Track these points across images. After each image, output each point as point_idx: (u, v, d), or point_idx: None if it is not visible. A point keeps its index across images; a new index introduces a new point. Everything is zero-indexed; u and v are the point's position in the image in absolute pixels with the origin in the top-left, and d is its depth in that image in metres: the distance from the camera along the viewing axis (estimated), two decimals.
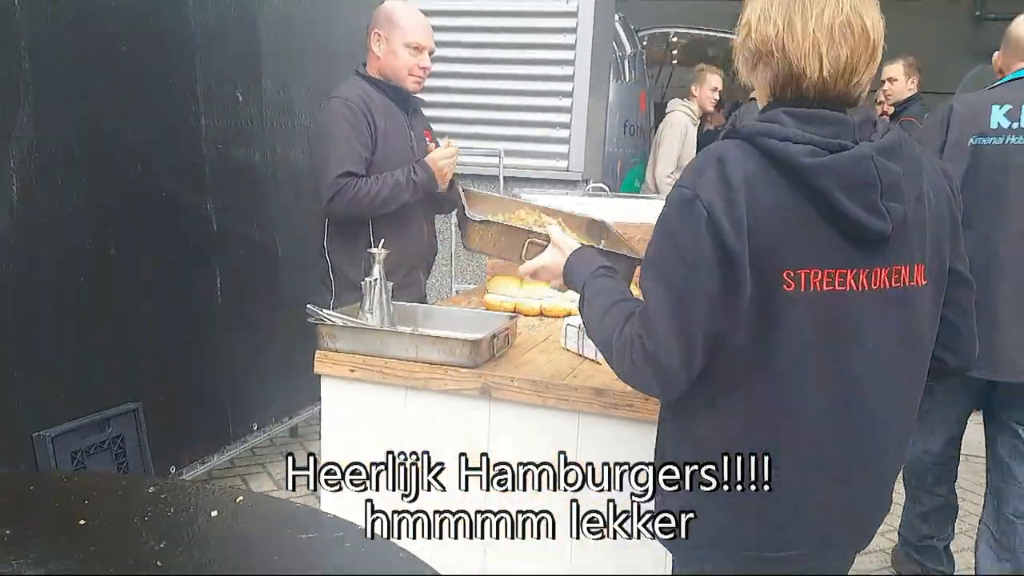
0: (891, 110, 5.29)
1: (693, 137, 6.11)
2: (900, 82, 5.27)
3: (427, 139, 3.15)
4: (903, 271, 1.39)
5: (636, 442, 2.01)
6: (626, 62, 6.85)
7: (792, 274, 1.32)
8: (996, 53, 2.89)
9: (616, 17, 6.77)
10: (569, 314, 2.74)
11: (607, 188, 3.20)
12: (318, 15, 4.08)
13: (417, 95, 3.07)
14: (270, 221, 3.71)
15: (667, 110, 6.34)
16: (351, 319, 2.24)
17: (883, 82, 5.39)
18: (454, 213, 5.03)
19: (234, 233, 3.54)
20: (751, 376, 1.37)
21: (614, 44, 6.56)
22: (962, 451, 3.06)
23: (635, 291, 1.53)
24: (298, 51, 3.96)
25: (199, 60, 3.36)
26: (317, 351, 2.19)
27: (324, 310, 2.24)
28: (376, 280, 2.31)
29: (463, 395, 2.12)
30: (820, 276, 1.33)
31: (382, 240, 2.36)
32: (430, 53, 3.01)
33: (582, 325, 2.28)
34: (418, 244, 3.03)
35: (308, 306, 2.23)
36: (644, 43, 7.62)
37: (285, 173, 3.86)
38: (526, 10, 4.91)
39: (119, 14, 3.00)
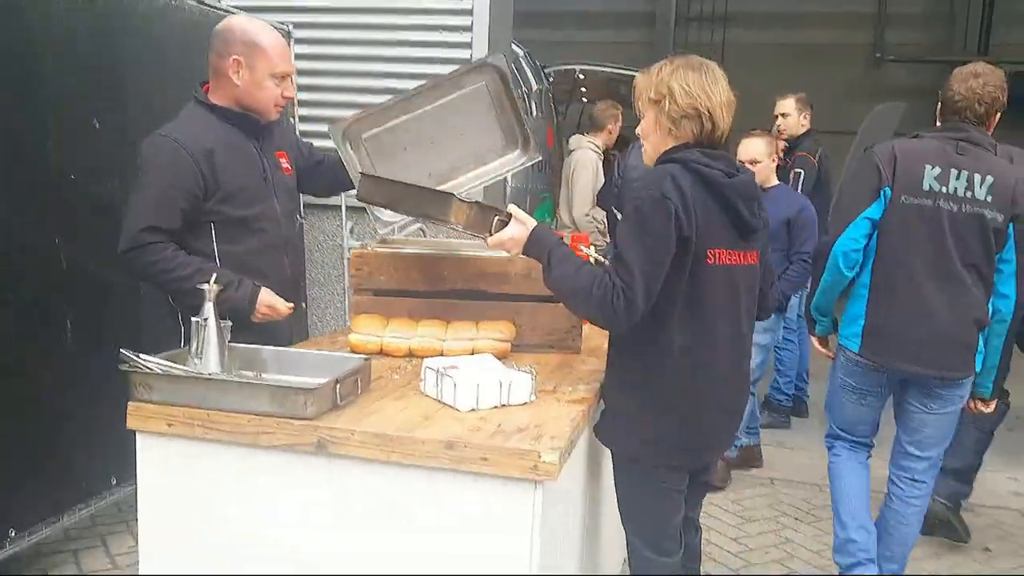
0: (784, 144, 5.20)
1: (601, 170, 5.98)
2: (792, 117, 5.19)
3: (283, 160, 2.82)
4: (756, 254, 2.21)
5: (492, 501, 1.74)
6: (532, 98, 6.66)
7: (712, 252, 2.08)
8: None
9: (520, 53, 6.61)
10: (441, 354, 2.46)
11: None
12: (186, 35, 3.75)
13: None
14: None
15: (571, 147, 6.18)
16: (170, 365, 1.92)
17: (776, 117, 5.30)
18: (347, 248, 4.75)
19: (86, 271, 3.17)
20: (684, 314, 2.08)
21: (520, 79, 6.38)
22: None
23: None
24: (165, 73, 3.61)
25: (52, 86, 3.01)
26: (130, 403, 1.87)
27: (141, 355, 1.91)
28: (206, 320, 2.00)
29: (298, 452, 1.81)
30: (724, 254, 2.10)
31: (214, 276, 2.05)
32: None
33: (441, 368, 2.02)
34: (278, 280, 2.70)
35: (122, 351, 1.90)
36: (551, 80, 7.47)
37: None
38: (415, 39, 4.68)
39: None
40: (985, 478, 4.53)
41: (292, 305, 2.67)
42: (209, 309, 2.01)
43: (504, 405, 2.00)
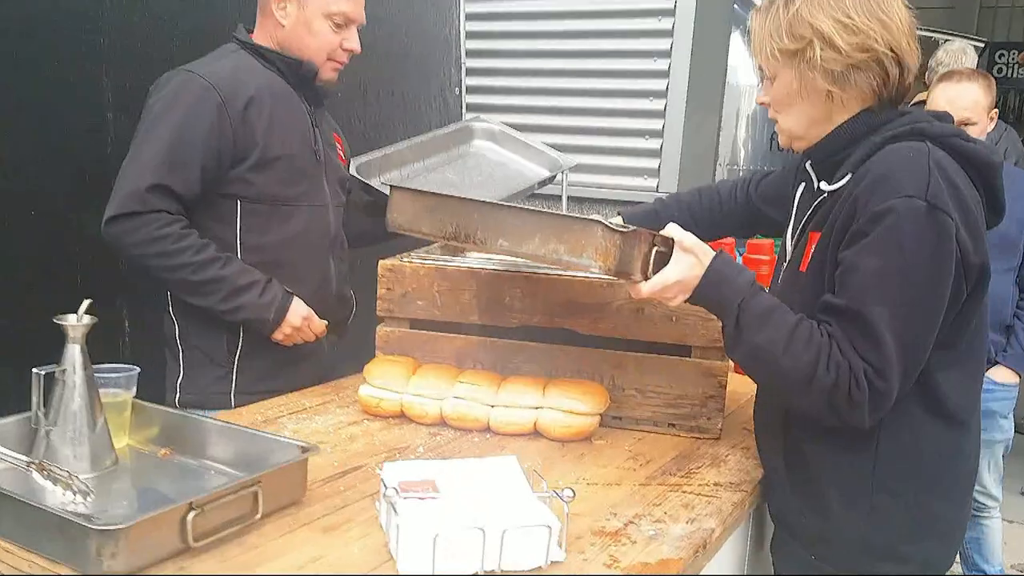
0: None
1: None
2: None
3: (338, 145, 2.05)
4: None
5: None
6: None
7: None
8: None
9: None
10: (487, 426, 1.54)
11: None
12: None
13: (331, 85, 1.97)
14: None
15: None
16: None
17: None
18: None
19: None
20: (955, 364, 1.27)
21: None
22: None
23: None
24: None
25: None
26: None
27: None
28: (65, 372, 1.24)
29: None
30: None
31: (87, 302, 1.27)
32: (359, 27, 1.92)
33: (397, 488, 1.12)
34: (320, 295, 1.92)
35: None
36: None
37: None
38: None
39: None
40: None
41: (326, 323, 1.88)
42: (74, 354, 1.25)
43: (495, 573, 1.05)
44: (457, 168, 2.73)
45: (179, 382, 1.84)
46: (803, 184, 1.44)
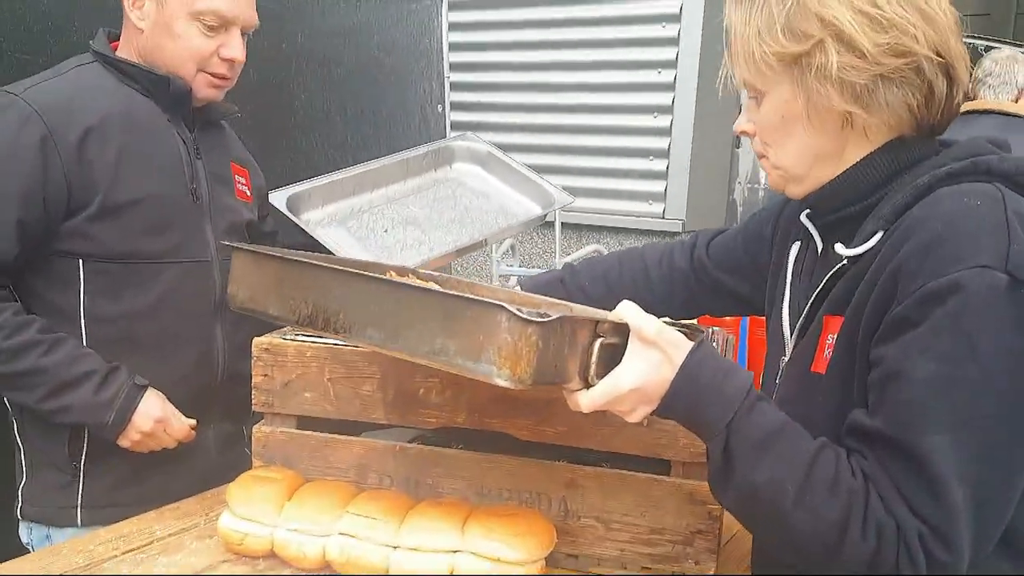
0: None
1: None
2: None
3: (240, 179, 1.61)
4: None
5: None
6: None
7: None
8: None
9: None
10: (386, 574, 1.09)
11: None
12: None
13: (219, 103, 1.54)
14: None
15: None
16: None
17: None
18: None
19: None
20: None
21: None
22: None
23: None
24: None
25: None
26: None
27: None
28: None
29: None
30: None
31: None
32: (244, 33, 1.48)
33: None
34: (201, 377, 1.49)
35: None
36: None
37: None
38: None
39: None
40: None
41: (193, 423, 1.43)
42: None
43: None
44: (426, 199, 2.26)
45: (21, 488, 1.42)
46: (797, 244, 1.00)
